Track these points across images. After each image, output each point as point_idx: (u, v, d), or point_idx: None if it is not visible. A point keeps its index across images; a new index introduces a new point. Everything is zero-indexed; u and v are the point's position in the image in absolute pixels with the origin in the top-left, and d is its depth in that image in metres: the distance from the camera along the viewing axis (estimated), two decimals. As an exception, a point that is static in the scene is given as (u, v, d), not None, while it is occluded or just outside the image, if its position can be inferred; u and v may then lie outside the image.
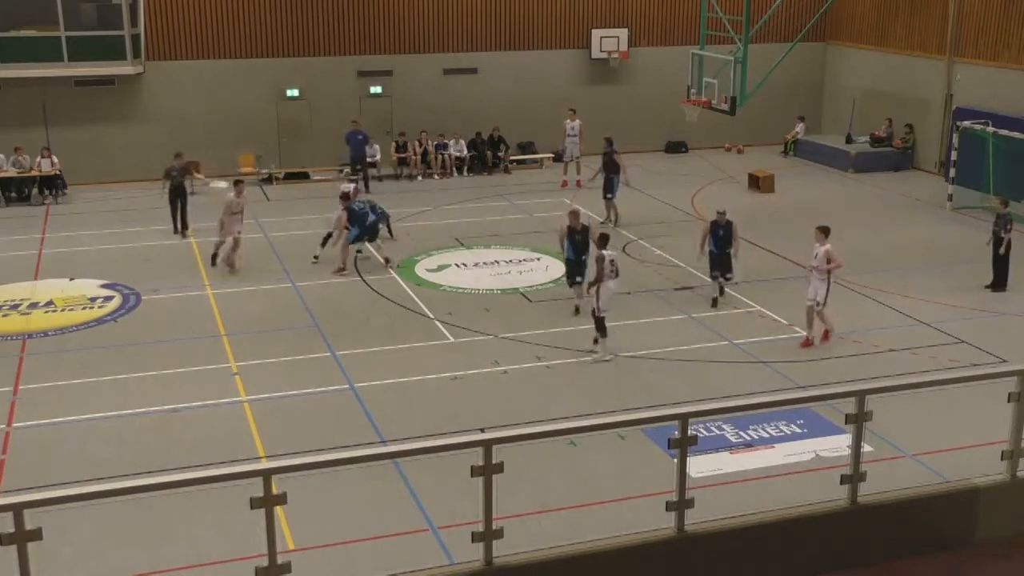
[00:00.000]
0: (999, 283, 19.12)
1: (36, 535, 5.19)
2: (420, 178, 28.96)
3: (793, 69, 30.63)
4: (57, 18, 26.83)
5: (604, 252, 15.87)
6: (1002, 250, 18.90)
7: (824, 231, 16.35)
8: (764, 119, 31.96)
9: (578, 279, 17.75)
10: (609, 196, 23.45)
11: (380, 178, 28.50)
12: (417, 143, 29.44)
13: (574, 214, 18.14)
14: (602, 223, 22.86)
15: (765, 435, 13.20)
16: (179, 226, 23.22)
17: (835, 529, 6.78)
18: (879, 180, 28.68)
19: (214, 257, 20.73)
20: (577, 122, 28.03)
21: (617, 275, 16.07)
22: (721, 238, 18.25)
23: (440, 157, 29.61)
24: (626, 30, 31.47)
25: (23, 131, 27.03)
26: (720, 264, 18.29)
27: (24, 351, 16.42)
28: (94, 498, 5.49)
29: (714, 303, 18.29)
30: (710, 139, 32.17)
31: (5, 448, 13.04)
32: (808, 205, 26.09)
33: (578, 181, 27.57)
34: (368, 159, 28.31)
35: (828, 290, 16.21)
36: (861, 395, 6.65)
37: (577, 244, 17.73)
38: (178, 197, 23.20)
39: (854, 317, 17.81)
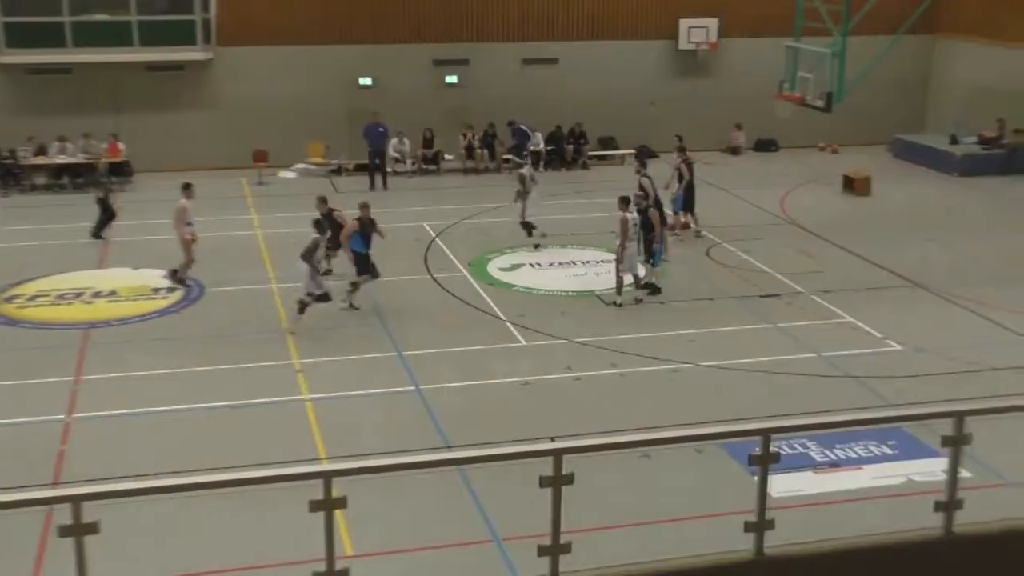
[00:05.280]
0: None
1: (93, 529, 5.14)
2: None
3: (896, 63, 29.05)
4: (128, 2, 27.02)
5: (628, 215, 17.19)
6: None
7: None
8: (863, 117, 30.24)
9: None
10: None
11: (438, 171, 28.11)
12: (472, 135, 28.54)
13: (365, 206, 17.65)
14: (698, 234, 22.08)
15: (853, 455, 12.83)
16: None
17: (927, 560, 6.42)
18: (987, 184, 27.15)
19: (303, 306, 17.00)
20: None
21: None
22: None
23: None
24: (716, 20, 30.32)
25: (92, 117, 26.99)
26: None
27: (87, 340, 16.39)
28: (151, 493, 5.37)
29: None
30: (804, 138, 30.77)
31: (65, 438, 13.09)
32: (906, 209, 24.92)
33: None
34: (395, 155, 27.44)
35: None
36: (960, 416, 6.21)
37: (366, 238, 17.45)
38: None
39: (951, 332, 16.86)
